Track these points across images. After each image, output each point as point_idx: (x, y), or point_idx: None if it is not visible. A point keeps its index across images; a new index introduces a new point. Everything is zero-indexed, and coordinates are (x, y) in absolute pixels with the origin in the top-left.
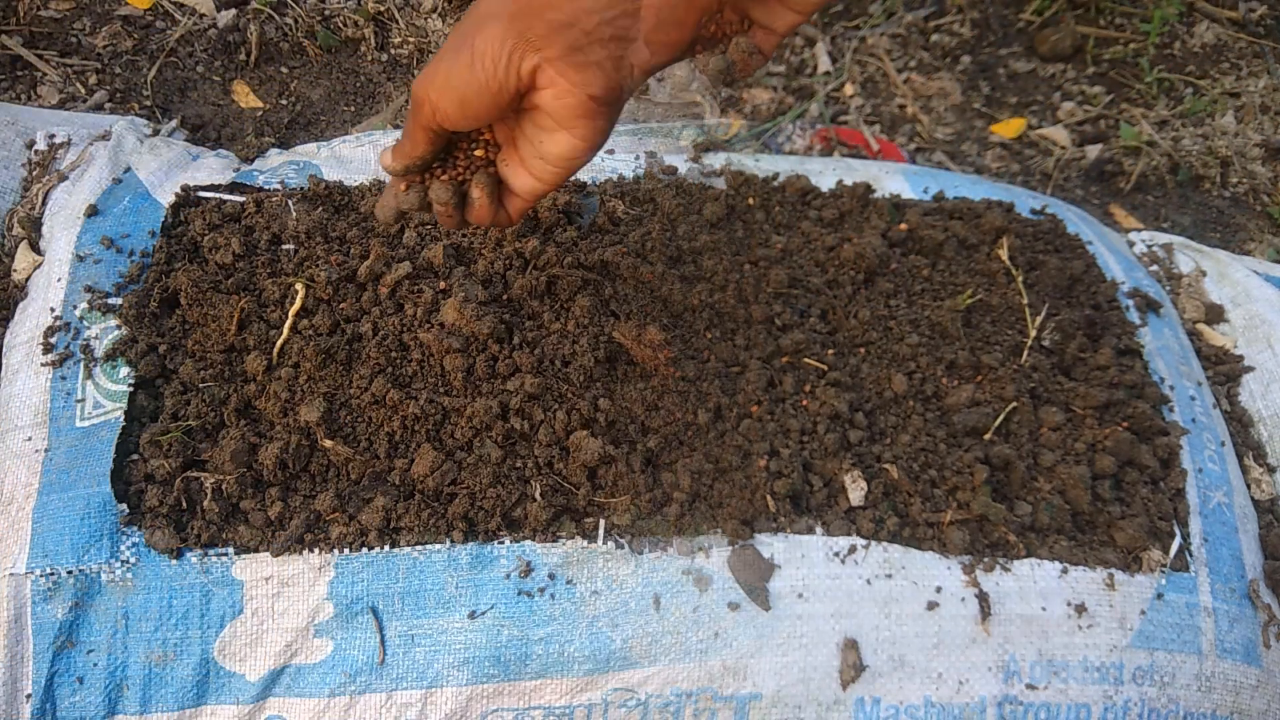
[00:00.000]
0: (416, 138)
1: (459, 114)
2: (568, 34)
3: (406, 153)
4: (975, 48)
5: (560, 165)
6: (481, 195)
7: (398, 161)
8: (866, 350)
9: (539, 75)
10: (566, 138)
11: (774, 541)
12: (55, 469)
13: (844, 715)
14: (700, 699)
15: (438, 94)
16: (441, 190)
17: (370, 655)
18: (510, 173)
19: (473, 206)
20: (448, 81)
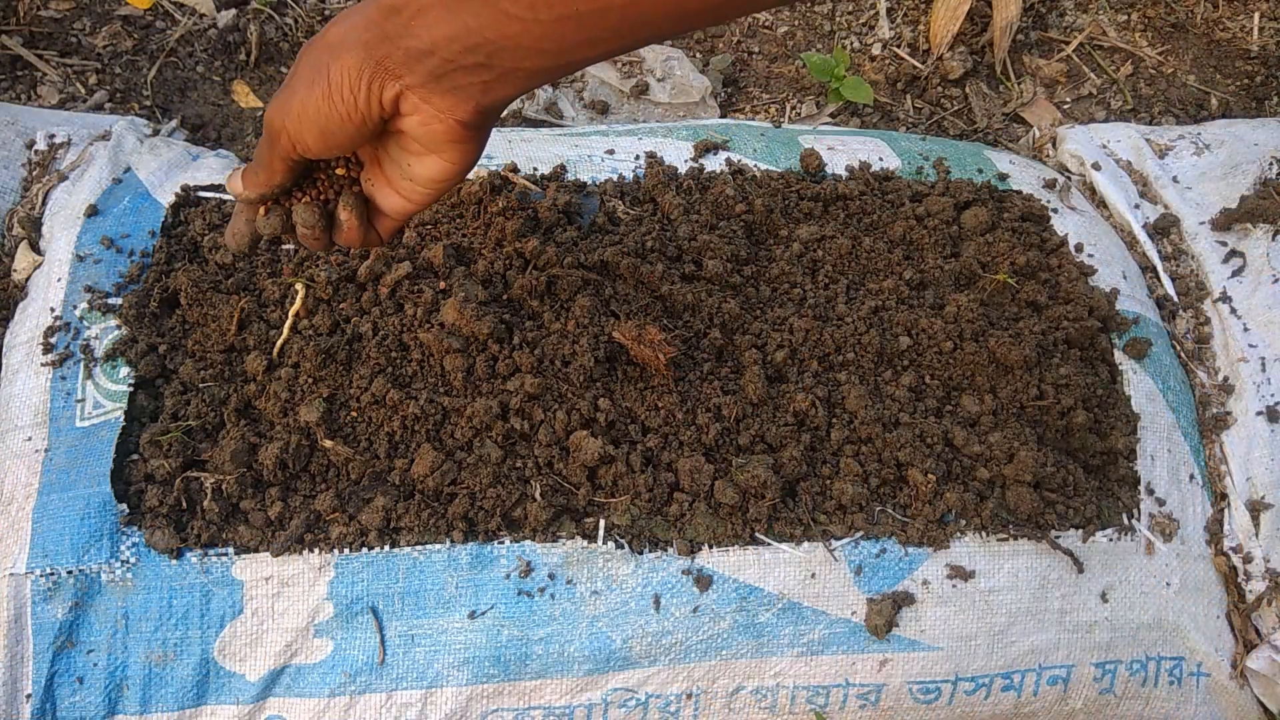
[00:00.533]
0: (275, 167)
1: (320, 145)
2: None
3: (263, 182)
4: None
5: (431, 187)
6: (350, 217)
7: (252, 190)
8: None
9: (402, 102)
10: (436, 161)
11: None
12: (55, 469)
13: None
14: (701, 699)
15: (295, 126)
16: (307, 213)
17: (370, 655)
18: (378, 193)
19: (341, 229)
20: (304, 113)
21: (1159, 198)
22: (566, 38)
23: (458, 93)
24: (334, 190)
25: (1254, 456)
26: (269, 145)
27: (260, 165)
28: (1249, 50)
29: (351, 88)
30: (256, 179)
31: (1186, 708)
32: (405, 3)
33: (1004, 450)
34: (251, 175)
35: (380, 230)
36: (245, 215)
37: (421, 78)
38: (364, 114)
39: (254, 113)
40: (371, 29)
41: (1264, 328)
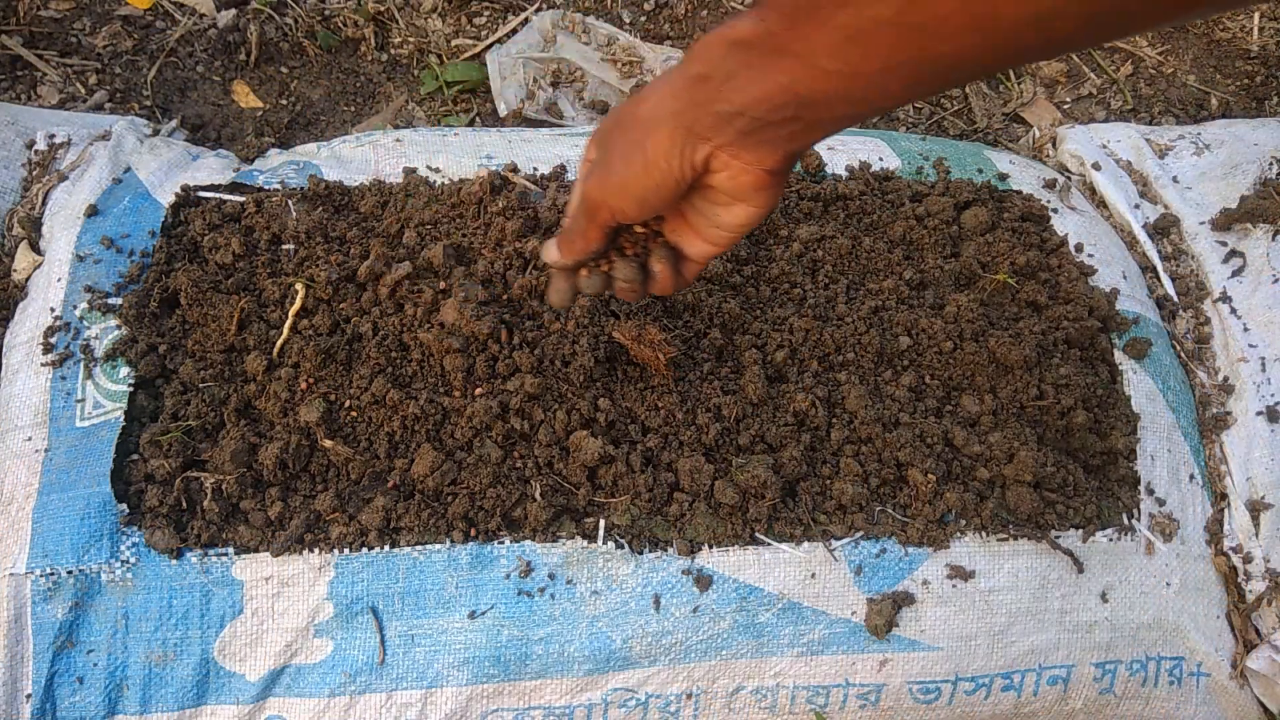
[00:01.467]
0: (591, 236)
1: (638, 212)
2: (737, 122)
3: (581, 250)
4: None
5: (737, 231)
6: (665, 268)
7: (570, 258)
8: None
9: (712, 161)
10: (743, 208)
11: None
12: (55, 469)
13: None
14: (701, 699)
15: (617, 199)
16: (629, 270)
17: (370, 655)
18: (684, 242)
19: (655, 279)
20: (625, 187)
21: (1159, 198)
22: (887, 88)
23: (766, 146)
24: (641, 246)
25: (1254, 456)
26: (587, 217)
27: (577, 235)
28: (1249, 50)
29: (667, 158)
30: (574, 248)
31: (1186, 708)
32: (712, 70)
33: (1004, 450)
34: (569, 245)
35: (685, 274)
36: (563, 278)
37: (730, 137)
38: (679, 179)
39: (254, 113)
40: (680, 98)
41: (1264, 328)
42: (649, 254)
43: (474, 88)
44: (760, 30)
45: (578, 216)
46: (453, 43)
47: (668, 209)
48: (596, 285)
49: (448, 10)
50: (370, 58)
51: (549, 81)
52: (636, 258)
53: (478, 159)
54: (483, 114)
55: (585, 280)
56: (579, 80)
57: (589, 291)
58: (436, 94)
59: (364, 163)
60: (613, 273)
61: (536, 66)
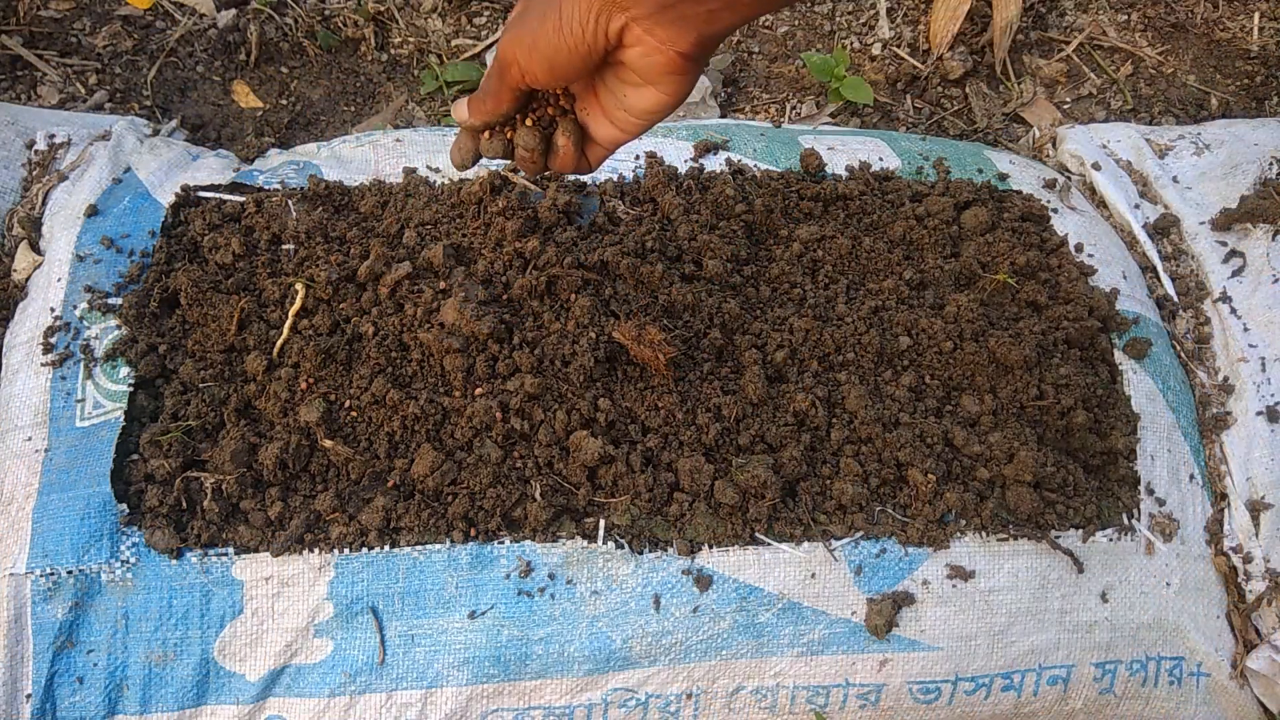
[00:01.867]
0: (502, 96)
1: (548, 76)
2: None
3: (490, 110)
4: None
5: (645, 118)
6: (567, 143)
7: (478, 117)
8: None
9: (625, 33)
10: (653, 92)
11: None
12: (55, 469)
13: None
14: (701, 699)
15: (526, 58)
16: (530, 137)
17: (370, 655)
18: (593, 122)
19: (557, 153)
20: (535, 46)
21: (1159, 198)
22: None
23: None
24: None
25: (1254, 456)
26: (499, 76)
27: (488, 94)
28: (1249, 50)
29: (581, 21)
30: (484, 107)
31: (1186, 708)
32: None
33: (1004, 450)
34: (479, 104)
35: (590, 157)
36: (468, 138)
37: (648, 9)
38: (590, 46)
39: (254, 113)
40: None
41: (1264, 328)
42: (556, 127)
43: (474, 88)
44: None
45: (489, 77)
46: (453, 43)
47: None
48: (497, 149)
49: (448, 10)
50: (370, 58)
51: None
52: (542, 128)
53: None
54: None
55: (486, 143)
56: None
57: (489, 155)
58: (436, 94)
59: (364, 163)
60: (515, 140)
61: None
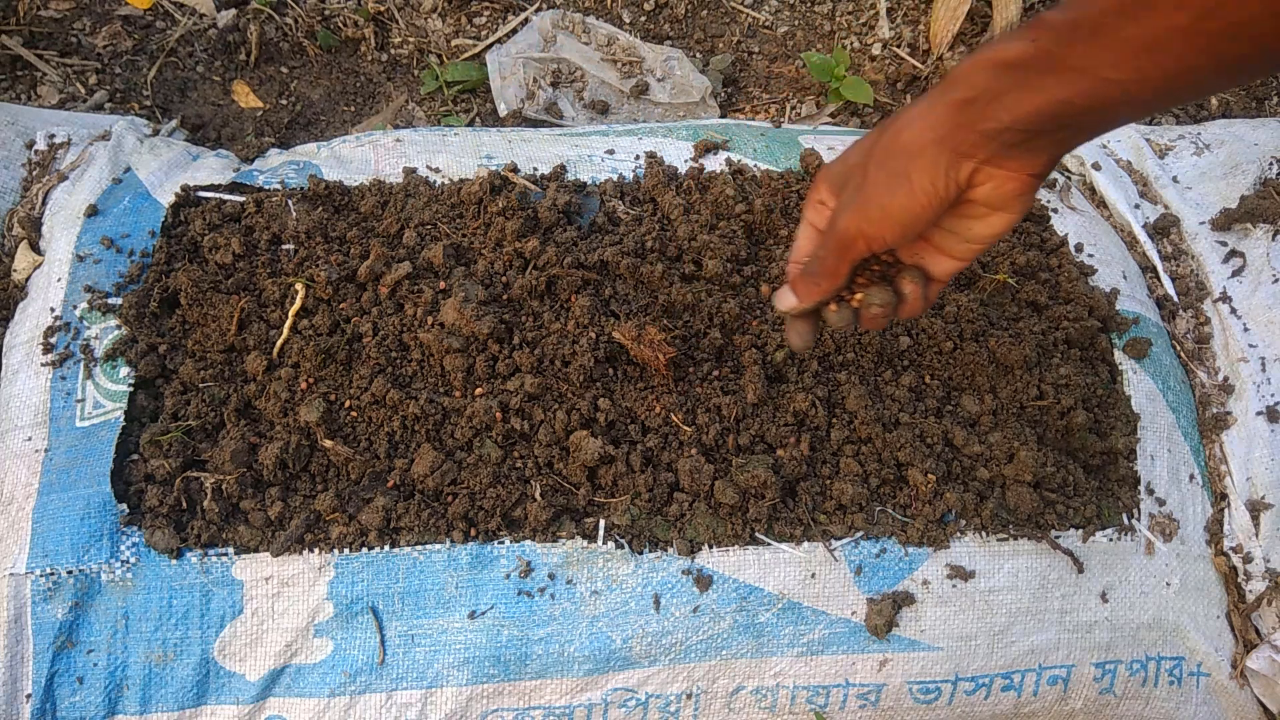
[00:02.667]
0: (841, 272)
1: (900, 239)
2: (1004, 136)
3: (828, 289)
4: None
5: (988, 242)
6: (916, 289)
7: (812, 300)
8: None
9: (975, 176)
10: (1001, 217)
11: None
12: (55, 469)
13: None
14: (701, 699)
15: (877, 229)
16: (883, 294)
17: (370, 655)
18: (929, 261)
19: (906, 302)
20: (887, 215)
21: (1159, 198)
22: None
23: (1032, 154)
24: (879, 274)
25: (1254, 456)
26: (838, 254)
27: (824, 275)
28: None
29: (934, 180)
30: (819, 288)
31: (1186, 708)
32: (978, 93)
33: (1004, 450)
34: (812, 286)
35: (930, 295)
36: (801, 322)
37: (995, 151)
38: (944, 200)
39: (254, 113)
40: (944, 124)
41: (1264, 328)
42: (894, 277)
43: (474, 88)
44: (1033, 50)
45: (826, 257)
46: (453, 43)
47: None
48: (846, 318)
49: (448, 10)
50: (370, 58)
51: (549, 81)
52: (887, 281)
53: (478, 159)
54: (483, 114)
55: (834, 315)
56: (579, 80)
57: (837, 326)
58: (436, 94)
59: (364, 163)
60: (867, 299)
61: (536, 66)
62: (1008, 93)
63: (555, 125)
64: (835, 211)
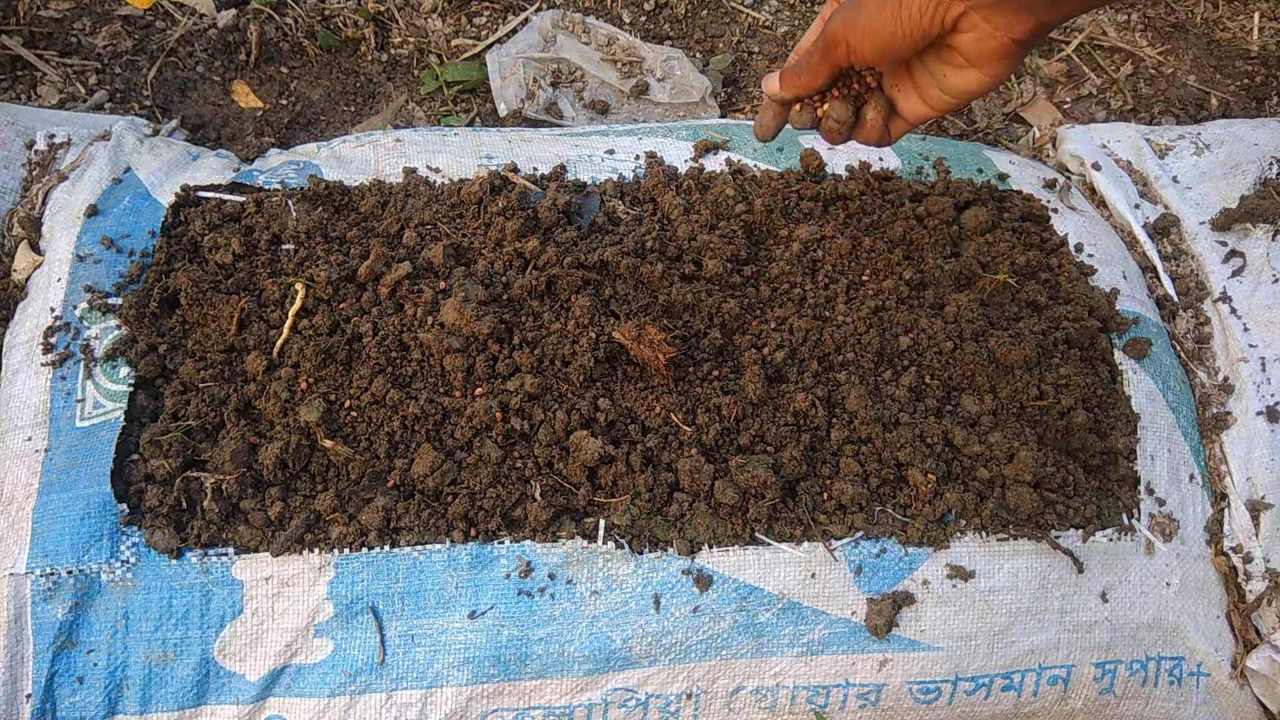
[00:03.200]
0: (819, 72)
1: (876, 56)
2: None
3: (805, 84)
4: None
5: (960, 98)
6: (876, 117)
7: (790, 91)
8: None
9: (962, 20)
10: (975, 75)
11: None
12: (55, 469)
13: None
14: (701, 699)
15: (858, 39)
16: (842, 109)
17: (370, 655)
18: (902, 98)
19: (864, 126)
20: (870, 29)
21: (1159, 198)
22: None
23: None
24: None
25: (1254, 456)
26: (822, 54)
27: (804, 70)
28: (1249, 50)
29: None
30: (799, 81)
31: (1186, 708)
32: None
33: (1004, 450)
34: (793, 78)
35: (892, 130)
36: (774, 111)
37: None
38: (925, 31)
39: (254, 113)
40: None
41: (1264, 328)
42: (864, 101)
43: (474, 88)
44: None
45: (812, 52)
46: (453, 43)
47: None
48: (806, 120)
49: (448, 10)
50: (370, 58)
51: (549, 81)
52: (853, 101)
53: (478, 159)
54: (483, 114)
55: (796, 115)
56: (579, 80)
57: (798, 126)
58: (436, 94)
59: (364, 163)
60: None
61: (536, 66)
62: None
63: (555, 125)
64: (832, 14)
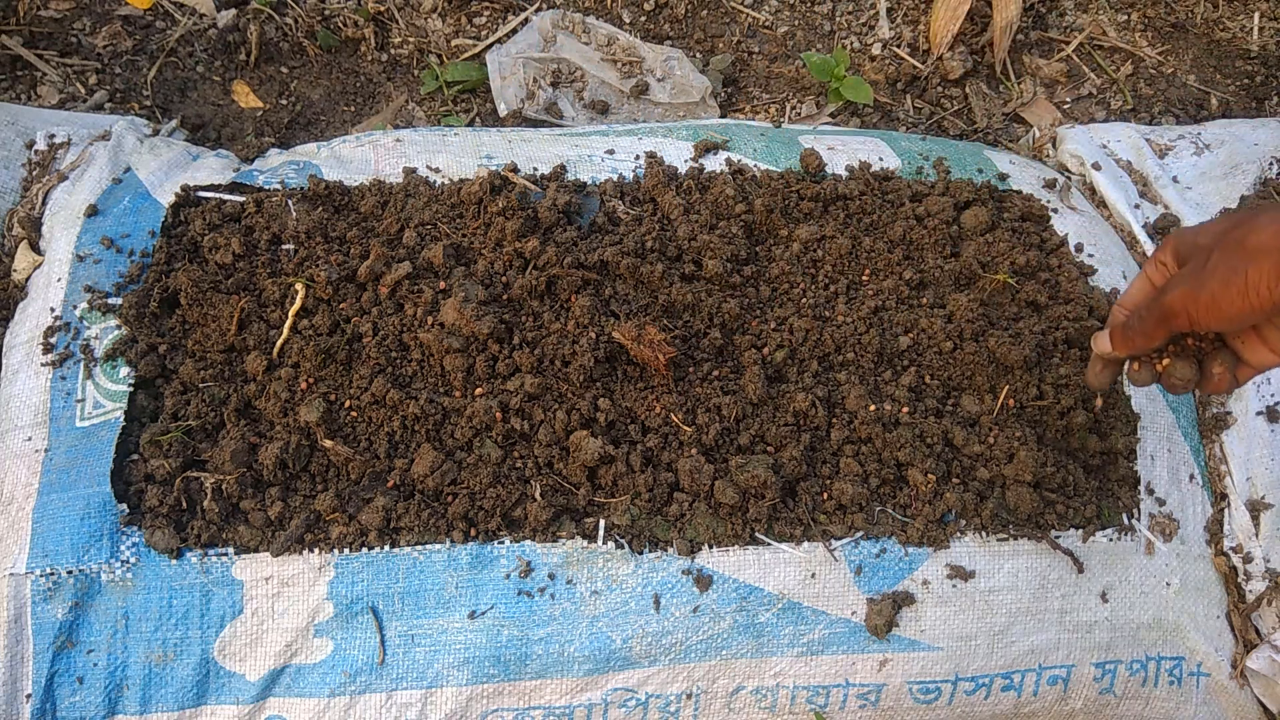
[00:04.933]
0: (1156, 335)
1: (1219, 326)
2: None
3: (1139, 347)
4: None
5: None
6: (1223, 372)
7: (1123, 351)
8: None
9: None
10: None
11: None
12: (55, 469)
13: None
14: (701, 699)
15: (1202, 314)
16: (1187, 370)
17: (370, 655)
18: (1248, 350)
19: (1211, 379)
20: (1215, 305)
21: (1159, 197)
22: None
23: None
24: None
25: (1254, 456)
26: (1159, 321)
27: (1139, 335)
28: (1249, 50)
29: (1268, 286)
30: (1132, 344)
31: (1186, 708)
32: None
33: (1004, 450)
34: (1128, 340)
35: (1239, 377)
36: (1104, 366)
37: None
38: (1269, 306)
39: (254, 113)
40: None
41: None
42: (1207, 355)
43: (474, 88)
44: None
45: (1147, 319)
46: (453, 43)
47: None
48: (1146, 378)
49: (448, 10)
50: (370, 58)
51: (549, 81)
52: (1194, 356)
53: (478, 159)
54: (483, 114)
55: (1135, 373)
56: (579, 80)
57: (1137, 384)
58: (436, 94)
59: (364, 163)
60: (1171, 370)
61: (536, 66)
62: None
63: (555, 125)
64: (1170, 282)
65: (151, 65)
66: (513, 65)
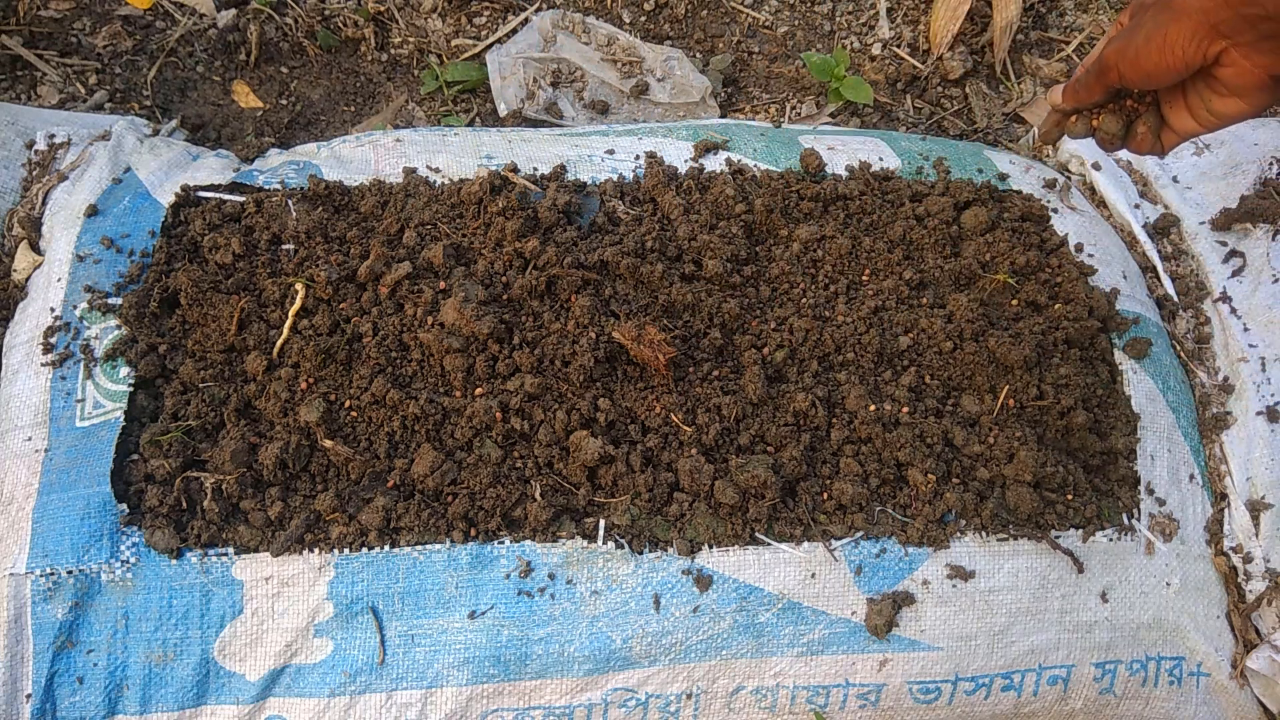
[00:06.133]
0: (1094, 89)
1: (1142, 83)
2: (1261, 25)
3: (1080, 98)
4: None
5: (1225, 120)
6: (1145, 131)
7: (1069, 103)
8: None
9: (1223, 56)
10: (1237, 102)
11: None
12: (55, 469)
13: None
14: (701, 699)
15: (1128, 68)
16: (1112, 123)
17: (370, 655)
18: (1174, 115)
19: (1135, 137)
20: (1136, 59)
21: (1159, 197)
22: None
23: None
24: (1136, 109)
25: (1254, 456)
26: (1097, 75)
27: (1083, 87)
28: None
29: (1184, 45)
30: (1076, 97)
31: (1186, 708)
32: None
33: (1004, 450)
34: (1073, 93)
35: (1164, 143)
36: (1054, 119)
37: (1249, 39)
38: (1186, 65)
39: (254, 113)
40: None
41: (1264, 328)
42: (1138, 115)
43: (474, 88)
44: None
45: (1090, 71)
46: (453, 43)
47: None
48: (1080, 130)
49: (448, 10)
50: (370, 58)
51: (549, 81)
52: (1125, 115)
53: (478, 159)
54: (483, 114)
55: (1072, 125)
56: (579, 80)
57: (1073, 135)
58: (436, 94)
59: (364, 163)
60: (1102, 124)
61: (536, 66)
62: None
63: (555, 125)
64: (1108, 39)
65: (151, 65)
66: (513, 65)
